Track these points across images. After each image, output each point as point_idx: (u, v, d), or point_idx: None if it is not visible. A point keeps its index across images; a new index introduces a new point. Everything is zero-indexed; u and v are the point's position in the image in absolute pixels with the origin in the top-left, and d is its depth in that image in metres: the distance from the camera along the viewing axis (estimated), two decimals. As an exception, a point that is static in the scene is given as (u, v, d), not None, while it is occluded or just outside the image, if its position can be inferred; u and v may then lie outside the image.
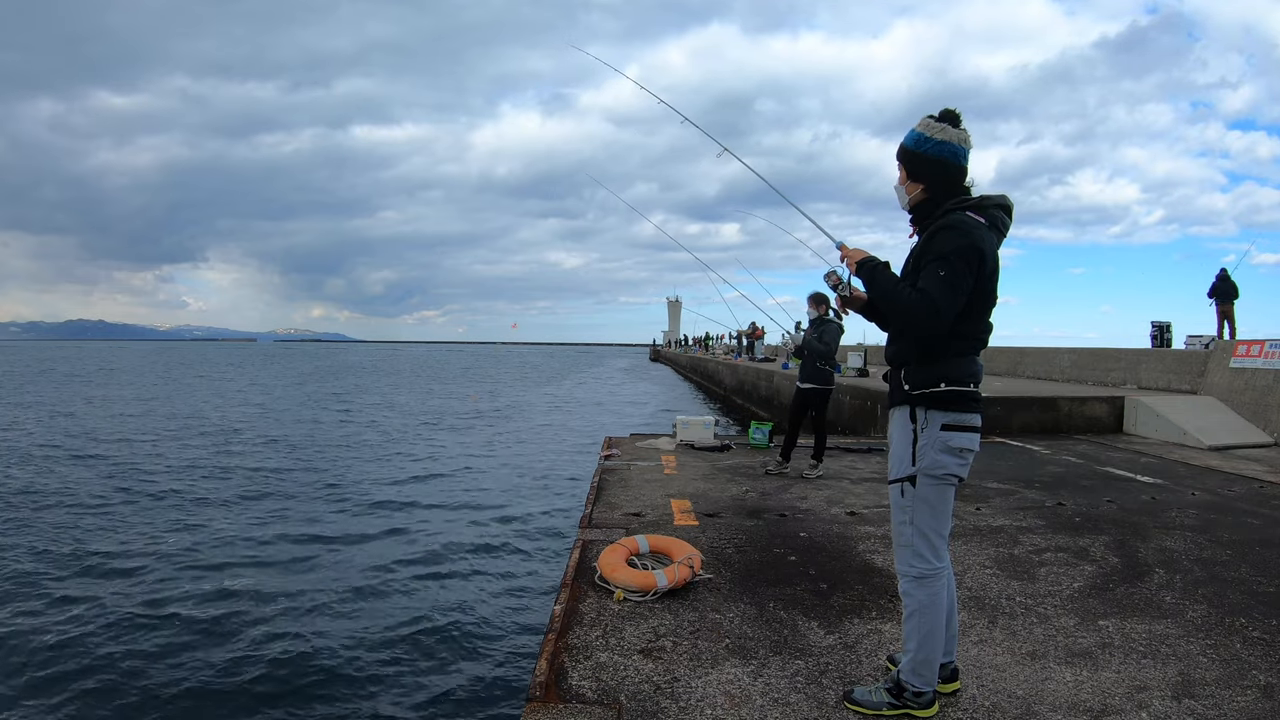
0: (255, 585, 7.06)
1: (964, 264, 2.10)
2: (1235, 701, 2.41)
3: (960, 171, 2.25)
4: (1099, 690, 2.48)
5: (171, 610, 6.42)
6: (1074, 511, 5.13)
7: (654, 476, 6.24)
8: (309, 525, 9.48)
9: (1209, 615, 3.18)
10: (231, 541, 8.61)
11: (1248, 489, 6.10)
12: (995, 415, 9.23)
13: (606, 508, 5.06)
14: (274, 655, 5.57)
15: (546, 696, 2.40)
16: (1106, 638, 2.93)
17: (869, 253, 2.32)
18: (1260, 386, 9.32)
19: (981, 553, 4.09)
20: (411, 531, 9.19)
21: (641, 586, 3.27)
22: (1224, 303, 13.33)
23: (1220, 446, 8.32)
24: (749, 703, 2.37)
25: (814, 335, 6.52)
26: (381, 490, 11.87)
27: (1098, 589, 3.51)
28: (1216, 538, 4.46)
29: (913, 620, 2.26)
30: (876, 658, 2.72)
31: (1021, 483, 6.14)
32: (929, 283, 2.10)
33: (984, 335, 2.27)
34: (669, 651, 2.75)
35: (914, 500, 2.25)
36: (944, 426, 2.21)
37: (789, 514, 4.99)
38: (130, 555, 7.99)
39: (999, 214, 2.25)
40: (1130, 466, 7.07)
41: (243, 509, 10.36)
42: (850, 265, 2.34)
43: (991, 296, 2.22)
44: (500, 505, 10.87)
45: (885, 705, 2.28)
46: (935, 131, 2.23)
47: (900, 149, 2.32)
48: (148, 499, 10.84)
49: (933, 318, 2.10)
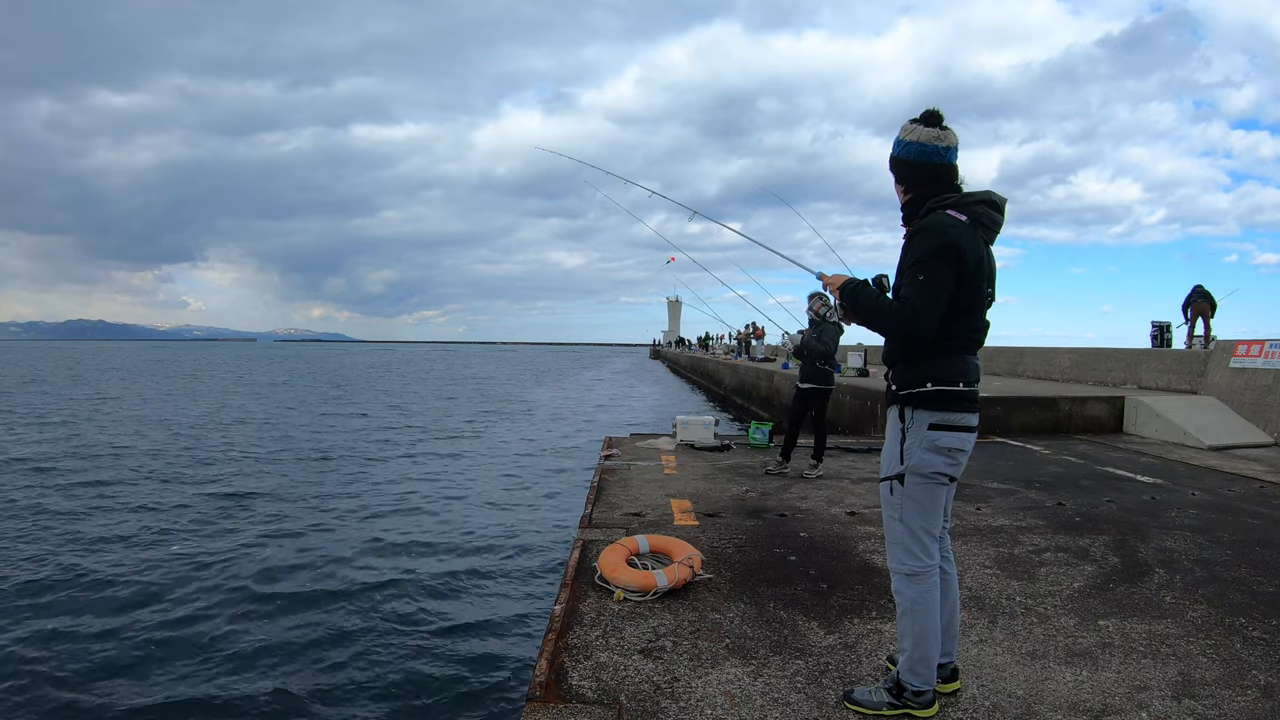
0: (254, 586, 7.06)
1: (942, 264, 2.12)
2: (1235, 701, 2.41)
3: (938, 169, 2.26)
4: (1099, 690, 2.48)
5: (171, 610, 6.43)
6: (1074, 511, 5.13)
7: (654, 476, 6.24)
8: (309, 525, 9.47)
9: (1209, 615, 3.18)
10: (230, 541, 8.61)
11: (1248, 489, 6.10)
12: (995, 415, 9.23)
13: (606, 508, 5.06)
14: (273, 655, 5.57)
15: (546, 696, 2.40)
16: (1106, 638, 2.93)
17: (847, 275, 2.38)
18: (1260, 386, 9.32)
19: (981, 552, 4.09)
20: (411, 532, 9.19)
21: (641, 586, 3.27)
22: (1206, 316, 13.89)
23: (1220, 446, 8.32)
24: (749, 703, 2.37)
25: (813, 335, 6.52)
26: (381, 490, 11.87)
27: (1098, 589, 3.51)
28: (1216, 538, 4.46)
29: (906, 619, 2.27)
30: (876, 658, 2.72)
31: (1021, 482, 6.14)
32: (909, 289, 2.14)
33: (975, 334, 2.27)
34: (669, 651, 2.75)
35: (902, 498, 2.26)
36: (931, 426, 2.22)
37: (789, 514, 4.99)
38: (129, 554, 8.00)
39: (984, 210, 2.25)
40: (1130, 466, 7.07)
41: (242, 508, 10.36)
42: (833, 292, 2.39)
43: (982, 294, 2.22)
44: (500, 505, 10.88)
45: (885, 705, 2.28)
46: (907, 133, 2.28)
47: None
48: (150, 500, 10.86)
49: (914, 323, 2.13)
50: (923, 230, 2.18)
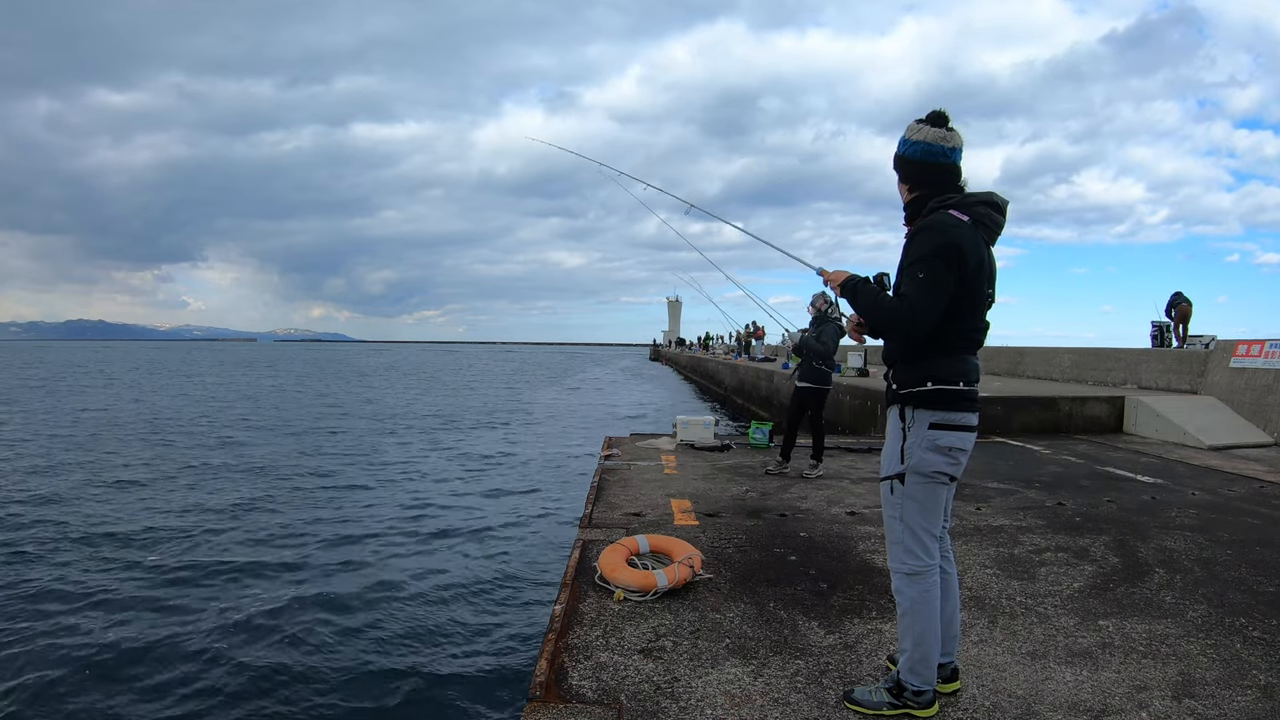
0: (253, 585, 7.06)
1: (942, 263, 2.12)
2: (1235, 701, 2.41)
3: (942, 170, 2.26)
4: (1099, 690, 2.48)
5: (169, 608, 6.43)
6: (1074, 511, 5.13)
7: (654, 476, 6.24)
8: (308, 526, 9.47)
9: (1209, 615, 3.18)
10: (229, 541, 8.61)
11: (1248, 489, 6.10)
12: (995, 415, 9.23)
13: (606, 508, 5.06)
14: (273, 655, 5.57)
15: (546, 696, 2.40)
16: (1106, 638, 2.93)
17: (849, 272, 2.37)
18: (1260, 386, 9.32)
19: (982, 552, 4.09)
20: (411, 531, 9.19)
21: (641, 586, 3.27)
22: (1185, 318, 14.70)
23: (1220, 446, 8.32)
24: (749, 703, 2.37)
25: (812, 335, 6.52)
26: (380, 490, 11.87)
27: (1098, 589, 3.51)
28: (1216, 538, 4.46)
29: (906, 618, 2.27)
30: (876, 657, 2.72)
31: (1021, 482, 6.14)
32: (909, 288, 2.15)
33: (975, 334, 2.27)
34: (669, 651, 2.75)
35: (903, 498, 2.27)
36: (932, 425, 2.22)
37: (789, 514, 4.99)
38: (129, 553, 8.00)
39: (985, 211, 2.26)
40: (1130, 466, 7.06)
41: (240, 508, 10.35)
42: (834, 289, 2.39)
43: (981, 294, 2.23)
44: (500, 505, 10.88)
45: (885, 705, 2.28)
46: (913, 133, 2.28)
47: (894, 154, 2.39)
48: (151, 485, 10.86)
49: (913, 321, 2.14)
50: (925, 229, 2.19)
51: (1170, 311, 14.89)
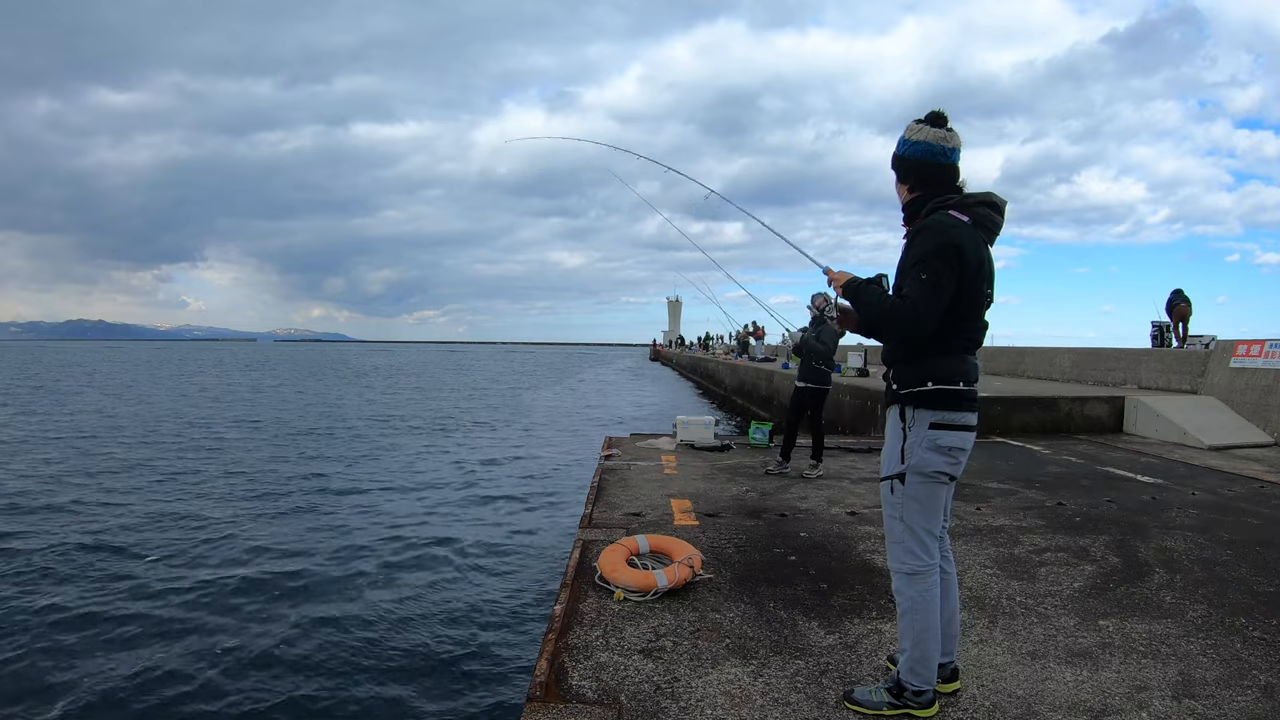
0: (252, 587, 7.06)
1: (943, 263, 2.13)
2: (1235, 701, 2.41)
3: (942, 170, 2.27)
4: (1099, 690, 2.48)
5: (166, 612, 6.43)
6: (1074, 511, 5.13)
7: (654, 476, 6.24)
8: (307, 526, 9.48)
9: (1209, 615, 3.18)
10: (229, 541, 8.61)
11: (1248, 489, 6.09)
12: (995, 415, 9.23)
13: (606, 508, 5.06)
14: (272, 656, 5.57)
15: (547, 696, 2.40)
16: (1107, 638, 2.93)
17: (851, 274, 2.39)
18: (1260, 386, 9.31)
19: (982, 552, 4.09)
20: (411, 532, 9.18)
21: (641, 586, 3.27)
22: (1184, 318, 14.58)
23: (1220, 446, 8.32)
24: (749, 703, 2.37)
25: (812, 335, 6.52)
26: (380, 490, 11.87)
27: (1098, 589, 3.51)
28: (1216, 538, 4.46)
29: (906, 618, 2.27)
30: (876, 658, 2.72)
31: (1021, 482, 6.14)
32: (911, 288, 2.15)
33: (975, 334, 2.28)
34: (669, 651, 2.75)
35: (903, 498, 2.27)
36: (932, 425, 2.23)
37: (789, 514, 4.99)
38: (129, 551, 8.00)
39: (985, 211, 2.27)
40: (1130, 466, 7.06)
41: (239, 509, 10.36)
42: (837, 289, 2.40)
43: (981, 294, 2.23)
44: (500, 505, 10.88)
45: (885, 705, 2.28)
46: (913, 133, 2.29)
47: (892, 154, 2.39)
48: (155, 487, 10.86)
49: (915, 321, 2.14)
50: (925, 230, 2.19)
51: (1170, 310, 14.80)
